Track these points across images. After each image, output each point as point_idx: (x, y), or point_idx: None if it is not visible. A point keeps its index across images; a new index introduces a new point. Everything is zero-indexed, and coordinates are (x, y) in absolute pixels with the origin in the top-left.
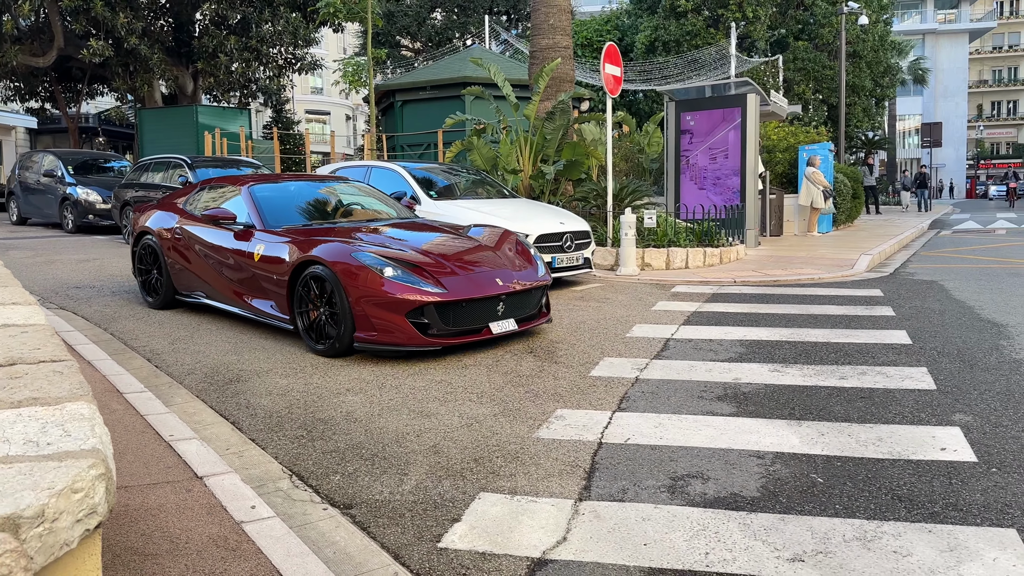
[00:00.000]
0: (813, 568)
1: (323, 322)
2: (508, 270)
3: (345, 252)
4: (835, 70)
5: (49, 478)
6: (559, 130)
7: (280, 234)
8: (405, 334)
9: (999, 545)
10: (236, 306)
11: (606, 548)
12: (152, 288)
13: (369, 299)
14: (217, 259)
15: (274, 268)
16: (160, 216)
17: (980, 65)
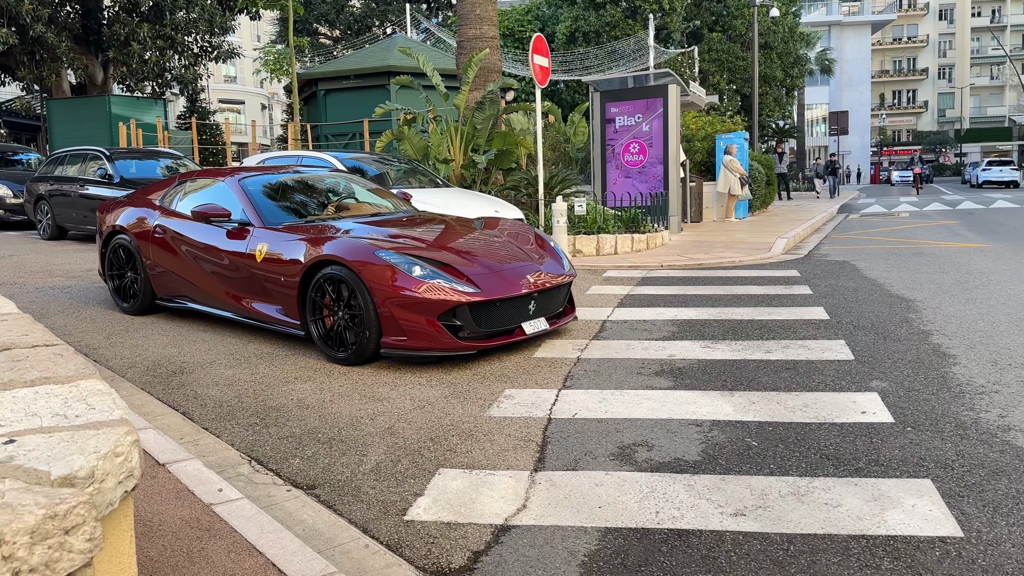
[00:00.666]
0: (754, 521)
1: (342, 328)
2: (535, 265)
3: (367, 250)
4: (748, 61)
5: (92, 444)
6: (489, 120)
7: (284, 231)
8: (438, 338)
9: (916, 493)
10: (232, 311)
11: (564, 513)
12: (127, 293)
13: (397, 301)
14: (209, 260)
15: (281, 269)
16: (134, 213)
17: (882, 55)
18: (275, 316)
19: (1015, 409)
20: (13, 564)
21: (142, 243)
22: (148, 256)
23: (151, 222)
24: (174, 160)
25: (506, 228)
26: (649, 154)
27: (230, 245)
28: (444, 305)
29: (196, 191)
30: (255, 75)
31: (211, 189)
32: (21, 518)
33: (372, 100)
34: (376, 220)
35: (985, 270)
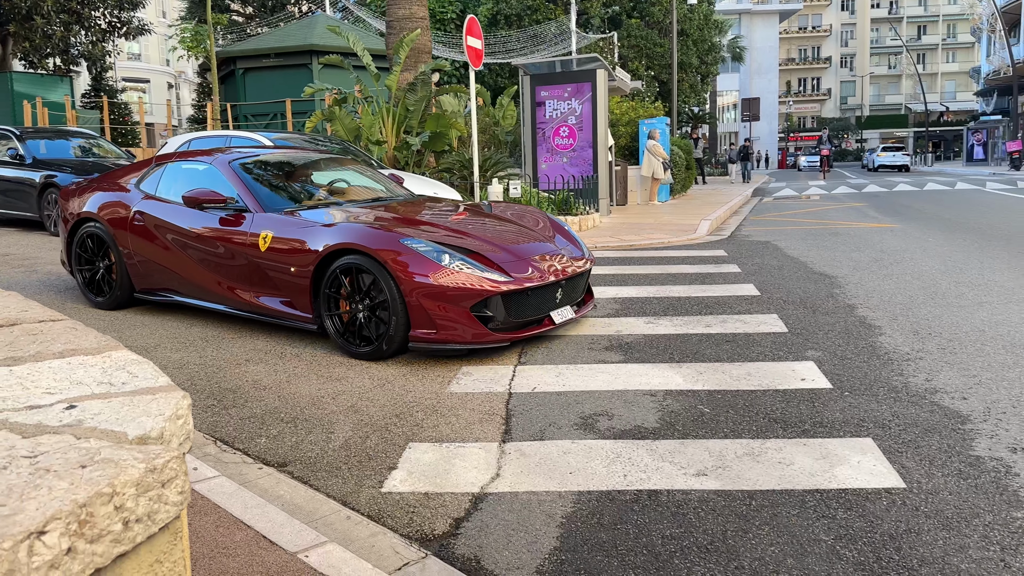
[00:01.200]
0: (716, 480)
1: (361, 321)
2: (559, 251)
3: (392, 239)
4: (665, 47)
5: (155, 407)
6: (422, 101)
7: (289, 217)
8: (471, 330)
9: (860, 451)
10: (226, 304)
11: (537, 479)
12: (99, 286)
13: (428, 292)
14: (200, 249)
15: (290, 259)
16: (106, 198)
17: (789, 44)
18: (280, 309)
19: (939, 373)
20: (123, 514)
21: (119, 231)
22: (126, 245)
23: (131, 208)
24: (87, 140)
25: (517, 212)
26: (579, 138)
27: (226, 233)
28: (477, 295)
29: (180, 175)
30: (171, 52)
31: (197, 172)
32: (126, 471)
33: (293, 80)
34: (382, 204)
35: (897, 248)
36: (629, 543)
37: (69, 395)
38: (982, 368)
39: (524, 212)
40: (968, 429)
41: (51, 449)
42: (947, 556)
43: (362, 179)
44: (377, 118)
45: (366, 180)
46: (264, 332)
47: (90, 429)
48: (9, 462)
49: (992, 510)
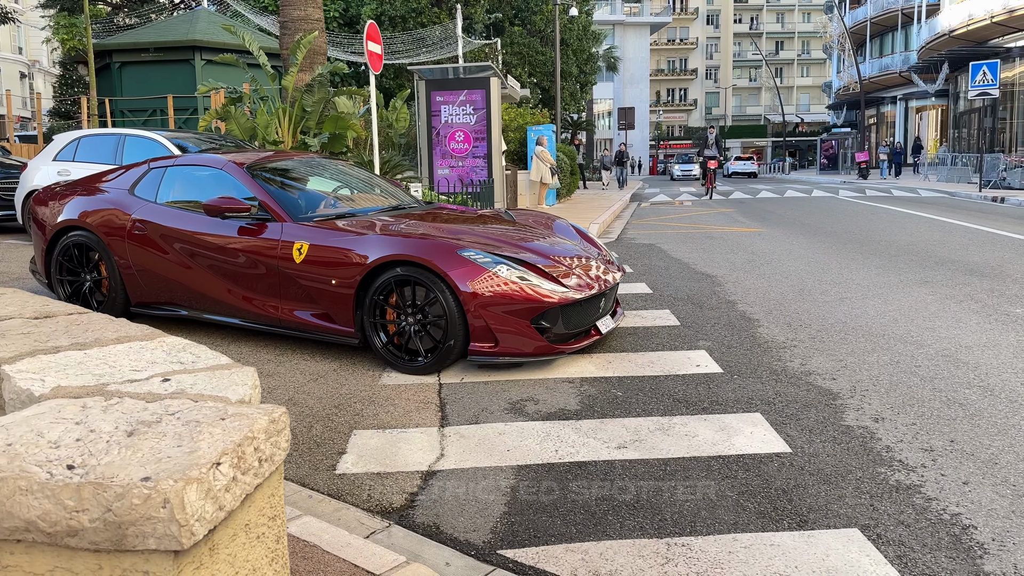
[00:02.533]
0: (635, 451)
1: (410, 334)
2: (598, 261)
3: (449, 249)
4: (547, 56)
5: (238, 378)
6: (320, 103)
7: (321, 227)
8: (532, 342)
9: (751, 424)
10: (246, 318)
11: (479, 457)
12: (87, 298)
13: (487, 304)
14: (216, 260)
15: (332, 271)
16: (94, 205)
17: (659, 55)
18: (315, 323)
19: (811, 359)
20: (258, 453)
21: (114, 240)
22: (123, 256)
23: (129, 215)
24: None
25: (540, 219)
26: (473, 142)
27: (249, 243)
28: (538, 307)
29: (184, 180)
30: (45, 43)
31: (205, 177)
32: (257, 421)
33: (173, 75)
34: (411, 213)
35: (766, 251)
36: (568, 506)
37: (155, 371)
38: (847, 354)
39: (546, 219)
40: (838, 404)
41: (182, 408)
42: (829, 504)
43: (371, 185)
44: (273, 118)
45: (376, 186)
46: (184, 330)
47: (198, 395)
48: (159, 418)
49: (861, 467)
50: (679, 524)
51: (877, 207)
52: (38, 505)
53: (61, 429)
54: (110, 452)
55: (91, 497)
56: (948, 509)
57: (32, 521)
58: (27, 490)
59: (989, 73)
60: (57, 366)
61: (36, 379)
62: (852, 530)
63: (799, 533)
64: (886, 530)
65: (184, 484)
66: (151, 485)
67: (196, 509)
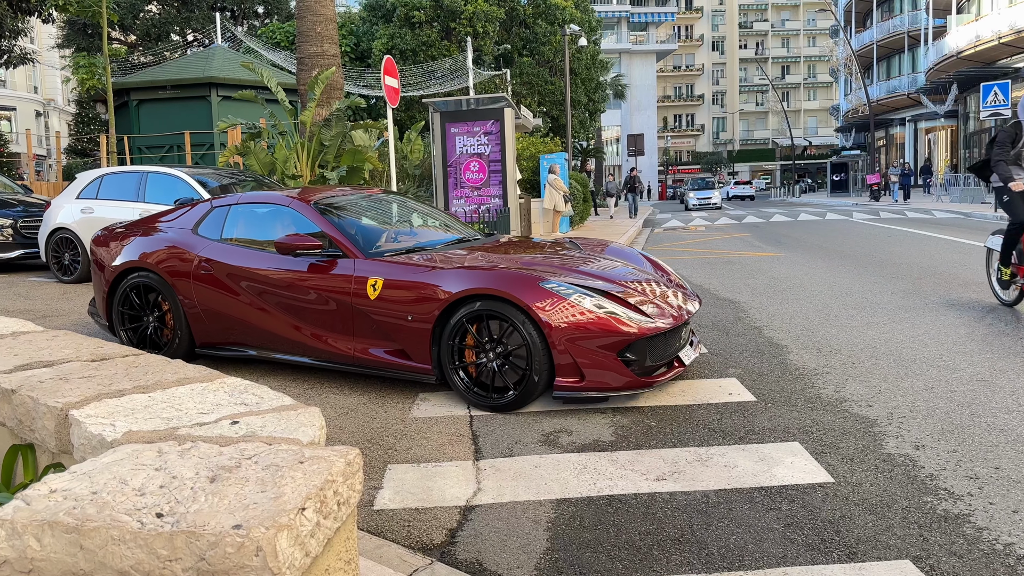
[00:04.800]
0: (674, 484)
1: (495, 371)
2: (676, 290)
3: (530, 281)
4: (556, 85)
5: (305, 419)
6: (338, 137)
7: (394, 263)
8: (620, 376)
9: (791, 453)
10: (317, 356)
11: (517, 490)
12: (150, 340)
13: (575, 338)
14: (289, 298)
15: (408, 306)
16: (158, 245)
17: (665, 82)
18: (392, 360)
19: (844, 385)
20: (337, 496)
21: (179, 281)
22: (189, 296)
23: (195, 255)
24: None
25: (610, 249)
26: (488, 172)
27: (322, 280)
28: (624, 339)
29: (249, 218)
30: (65, 83)
31: (270, 214)
32: (335, 464)
33: (190, 112)
34: (477, 245)
35: (787, 275)
36: (611, 540)
37: (222, 414)
38: (880, 379)
39: (619, 250)
40: (877, 431)
41: (258, 452)
42: (877, 535)
43: (430, 217)
44: (292, 153)
45: (435, 218)
46: (207, 362)
47: (270, 438)
48: (239, 463)
49: (907, 496)
50: (727, 558)
51: (893, 229)
52: (131, 555)
53: (144, 476)
54: (196, 499)
55: (184, 546)
56: (1000, 539)
57: (125, 571)
58: (120, 540)
59: (1000, 94)
60: (124, 410)
61: (107, 424)
62: (904, 562)
63: (850, 565)
64: (939, 561)
65: (275, 531)
66: (243, 533)
67: (287, 556)
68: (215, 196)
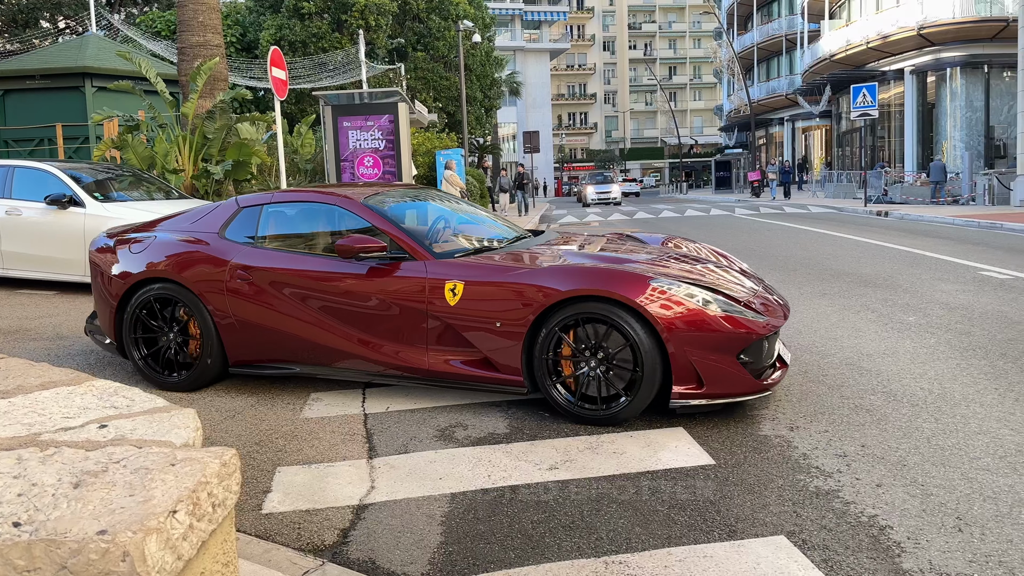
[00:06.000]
0: (566, 472)
1: (591, 379)
2: (766, 285)
3: (640, 279)
4: (451, 81)
5: (179, 421)
6: (222, 130)
7: (471, 265)
8: (738, 380)
9: (675, 439)
10: (390, 371)
11: (411, 487)
12: (173, 361)
13: (691, 340)
14: (346, 307)
15: (496, 312)
16: (179, 251)
17: (559, 80)
18: (473, 372)
19: None
20: (212, 498)
21: (209, 291)
22: (222, 308)
23: (226, 261)
24: None
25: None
26: (383, 168)
27: (387, 286)
28: (746, 339)
29: (288, 219)
30: None
31: (310, 213)
32: (209, 466)
33: (63, 103)
34: (550, 241)
35: None
36: (505, 530)
37: (90, 417)
38: None
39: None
40: (754, 415)
41: (127, 456)
42: (755, 513)
43: (475, 213)
44: (173, 146)
45: (480, 214)
46: (96, 366)
47: (141, 440)
48: (105, 467)
49: (782, 475)
50: (615, 542)
51: (772, 223)
52: None
53: (0, 485)
54: (58, 506)
55: (43, 555)
56: (866, 512)
57: None
58: None
59: (869, 95)
60: None
61: None
62: (779, 537)
63: (729, 543)
64: (810, 535)
65: (143, 535)
66: (108, 538)
67: (156, 561)
68: (239, 195)
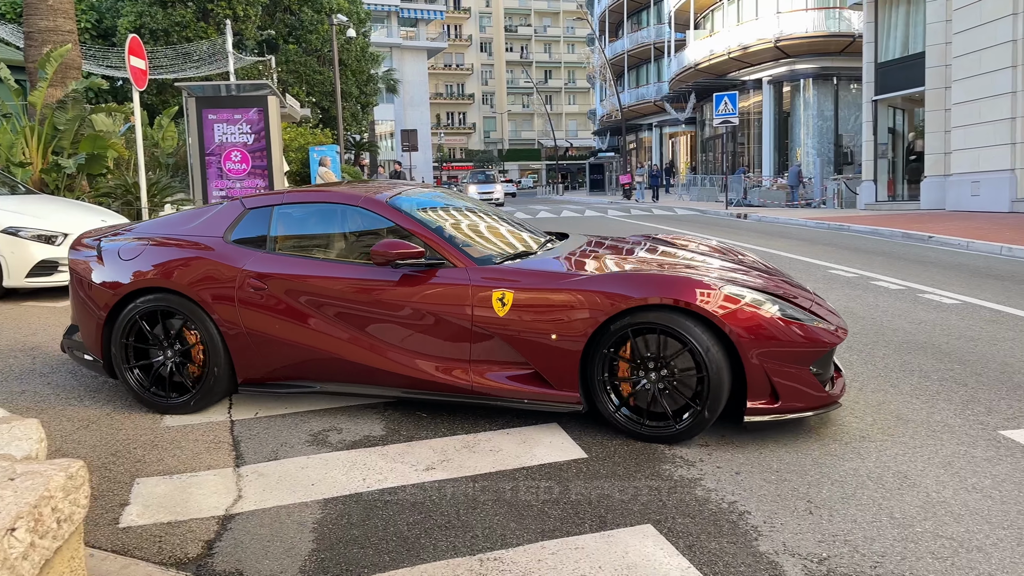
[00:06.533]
0: (443, 472)
1: (653, 395)
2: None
3: (710, 287)
4: (325, 75)
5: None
6: (75, 121)
7: (528, 271)
8: (815, 394)
9: (551, 434)
10: (425, 388)
11: (281, 494)
12: (171, 381)
13: (769, 352)
14: (377, 318)
15: (552, 323)
16: (179, 257)
17: (437, 79)
18: (522, 388)
19: None
20: (57, 514)
21: (218, 302)
22: (232, 321)
23: (236, 268)
24: None
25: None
26: (252, 163)
27: (425, 294)
28: (821, 350)
29: (301, 221)
30: None
31: (328, 215)
32: (53, 479)
33: None
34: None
35: None
36: (379, 534)
37: None
38: None
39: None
40: None
41: None
42: (624, 504)
43: (487, 213)
44: (19, 137)
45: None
46: None
47: None
48: None
49: (649, 466)
50: (490, 539)
51: (642, 224)
52: None
53: None
54: None
55: None
56: (726, 499)
57: None
58: None
59: (730, 103)
60: None
61: None
62: (646, 526)
63: (599, 534)
64: (675, 523)
65: None
66: None
67: None
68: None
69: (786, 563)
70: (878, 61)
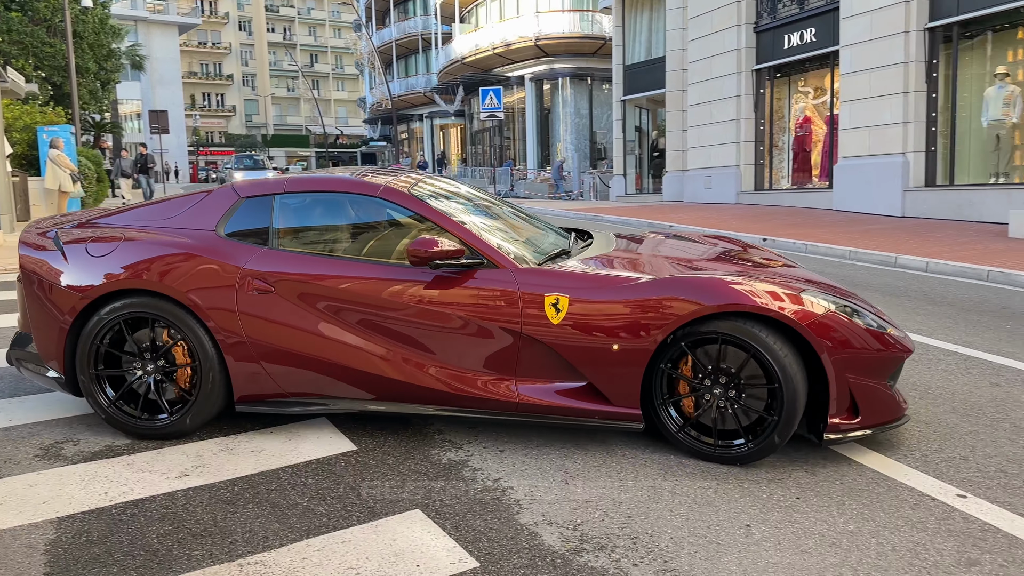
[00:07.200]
0: (198, 478)
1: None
2: None
3: (794, 295)
4: (57, 48)
5: None
6: None
7: (583, 274)
8: (892, 406)
9: (319, 429)
10: (465, 405)
11: (5, 517)
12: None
13: (854, 365)
14: (408, 325)
15: (615, 332)
16: (163, 254)
17: (190, 58)
18: (577, 406)
19: None
20: None
21: (213, 308)
22: (230, 329)
23: (237, 267)
24: None
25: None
26: None
27: (458, 298)
28: (899, 360)
29: (308, 213)
30: None
31: (341, 206)
32: None
33: None
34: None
35: None
36: (124, 549)
37: None
38: None
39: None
40: None
41: None
42: (392, 492)
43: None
44: None
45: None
46: None
47: None
48: None
49: (418, 451)
50: (251, 543)
51: None
52: None
53: None
54: None
55: None
56: (491, 476)
57: None
58: None
59: (495, 98)
60: None
61: None
62: (415, 511)
63: (368, 524)
64: (443, 506)
65: None
66: None
67: None
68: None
69: (544, 532)
70: (626, 63)
